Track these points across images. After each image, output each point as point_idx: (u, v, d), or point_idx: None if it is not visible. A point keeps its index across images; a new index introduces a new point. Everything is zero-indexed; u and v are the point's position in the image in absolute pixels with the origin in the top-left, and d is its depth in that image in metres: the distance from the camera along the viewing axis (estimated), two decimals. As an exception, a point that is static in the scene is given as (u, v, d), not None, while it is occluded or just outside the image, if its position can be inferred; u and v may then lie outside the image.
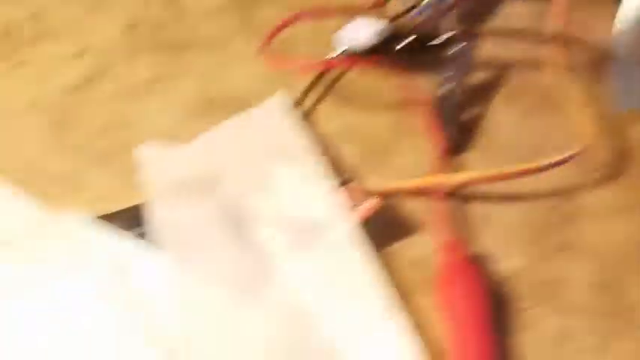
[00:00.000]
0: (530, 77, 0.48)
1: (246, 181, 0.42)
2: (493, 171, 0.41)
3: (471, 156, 0.45)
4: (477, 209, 0.42)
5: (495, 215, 0.42)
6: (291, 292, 0.37)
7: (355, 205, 0.39)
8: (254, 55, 0.49)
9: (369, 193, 0.40)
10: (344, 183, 0.40)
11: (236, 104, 0.47)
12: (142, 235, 0.38)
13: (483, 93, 0.48)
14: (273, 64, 0.47)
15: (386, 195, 0.41)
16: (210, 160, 0.43)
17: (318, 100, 0.48)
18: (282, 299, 0.36)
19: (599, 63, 0.48)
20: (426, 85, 0.47)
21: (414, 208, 0.42)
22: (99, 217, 0.39)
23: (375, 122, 0.47)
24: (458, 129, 0.46)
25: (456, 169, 0.44)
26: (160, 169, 0.42)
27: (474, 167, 0.43)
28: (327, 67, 0.49)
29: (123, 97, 0.48)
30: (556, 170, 0.41)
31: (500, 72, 0.49)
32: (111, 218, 0.39)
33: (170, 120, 0.47)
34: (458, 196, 0.42)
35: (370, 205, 0.39)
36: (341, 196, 0.40)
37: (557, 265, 0.38)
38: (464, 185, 0.42)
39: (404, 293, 0.38)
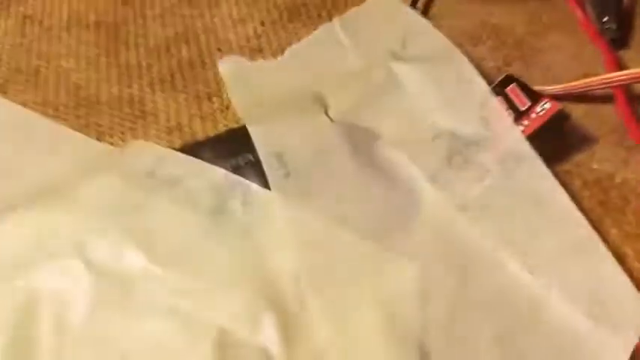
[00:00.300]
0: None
1: (365, 92, 0.31)
2: None
3: (631, 52, 0.35)
4: None
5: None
6: (445, 227, 0.27)
7: (523, 111, 0.28)
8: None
9: (534, 98, 0.29)
10: (504, 84, 0.29)
11: (325, 7, 0.37)
12: (237, 168, 0.27)
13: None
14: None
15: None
16: (309, 75, 0.33)
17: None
18: (432, 238, 0.26)
19: None
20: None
21: (585, 115, 0.31)
22: (179, 150, 0.29)
23: (512, 17, 0.37)
24: (616, 20, 0.36)
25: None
26: (250, 86, 0.32)
27: (636, 64, 0.33)
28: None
29: (189, 5, 0.37)
30: None
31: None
32: (195, 150, 0.29)
33: (249, 30, 0.36)
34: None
35: (545, 111, 0.28)
36: (501, 101, 0.29)
37: None
38: (627, 84, 0.31)
39: (598, 218, 0.28)
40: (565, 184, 0.29)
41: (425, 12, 0.38)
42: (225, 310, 0.24)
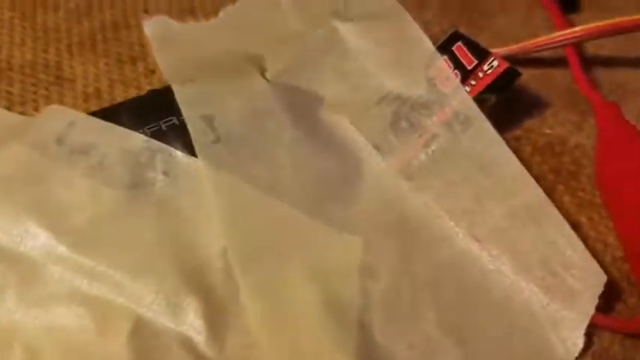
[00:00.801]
0: None
1: (305, 53, 0.28)
2: (608, 22, 0.27)
3: (581, 17, 0.32)
4: (604, 79, 0.29)
5: (632, 84, 0.29)
6: (389, 197, 0.24)
7: (470, 71, 0.25)
8: None
9: (482, 55, 0.26)
10: (451, 41, 0.26)
11: None
12: (159, 133, 0.23)
13: None
14: None
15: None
16: (245, 37, 0.29)
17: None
18: (375, 210, 0.23)
19: None
20: None
21: (535, 79, 0.28)
22: (93, 114, 0.25)
23: None
24: None
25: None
26: (178, 48, 0.29)
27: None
28: None
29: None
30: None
31: None
32: (112, 113, 0.25)
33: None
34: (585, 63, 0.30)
35: (493, 69, 0.25)
36: (447, 61, 0.26)
37: None
38: (576, 42, 0.29)
39: (551, 186, 0.25)
40: (515, 151, 0.26)
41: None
42: (143, 297, 0.21)
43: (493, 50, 0.29)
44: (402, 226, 0.23)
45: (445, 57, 0.27)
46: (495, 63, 0.26)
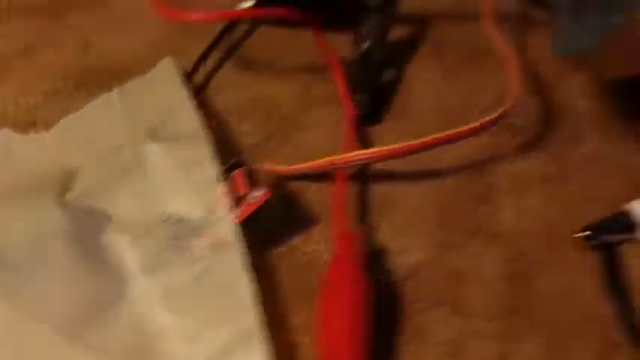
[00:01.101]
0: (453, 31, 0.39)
1: (111, 172, 0.31)
2: (399, 145, 0.30)
3: (383, 127, 0.35)
4: (380, 193, 0.32)
5: (401, 199, 0.32)
6: (140, 320, 0.27)
7: (241, 197, 0.29)
8: (142, 15, 0.38)
9: (261, 179, 0.29)
10: (232, 168, 0.29)
11: (117, 75, 0.36)
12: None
13: (402, 51, 0.38)
14: (167, 14, 0.35)
15: (281, 180, 0.32)
16: (70, 150, 0.32)
17: (217, 68, 0.37)
18: (124, 332, 0.26)
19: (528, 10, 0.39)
20: (343, 43, 0.37)
21: (316, 195, 0.31)
22: None
23: (282, 92, 0.37)
24: (371, 95, 0.36)
25: (367, 143, 0.34)
26: (10, 163, 0.32)
27: (387, 140, 0.32)
28: (230, 16, 0.38)
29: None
30: (475, 140, 0.32)
31: (421, 27, 0.39)
32: None
33: (30, 101, 0.35)
34: (361, 177, 0.33)
35: (257, 196, 0.29)
36: (225, 187, 0.29)
37: (461, 256, 0.30)
38: (367, 163, 0.32)
39: (291, 305, 0.28)
40: (272, 269, 0.29)
41: (205, 83, 0.37)
42: None
43: (285, 167, 0.32)
44: (145, 350, 0.25)
45: (226, 182, 0.30)
46: (259, 193, 0.29)
